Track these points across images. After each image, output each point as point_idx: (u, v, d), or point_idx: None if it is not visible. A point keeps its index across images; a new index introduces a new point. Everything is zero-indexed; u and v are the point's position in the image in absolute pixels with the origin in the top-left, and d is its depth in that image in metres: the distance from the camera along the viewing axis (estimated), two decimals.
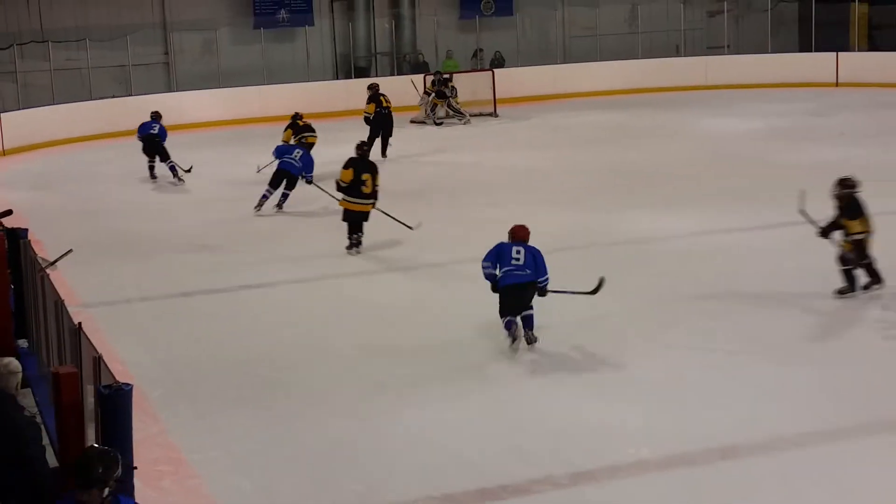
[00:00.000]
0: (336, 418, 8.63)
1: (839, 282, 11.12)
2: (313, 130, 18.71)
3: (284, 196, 16.34)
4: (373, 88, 21.30)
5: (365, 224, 13.73)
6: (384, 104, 21.04)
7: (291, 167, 16.29)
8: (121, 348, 10.29)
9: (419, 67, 29.28)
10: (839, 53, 28.80)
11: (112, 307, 11.99)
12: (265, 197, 16.30)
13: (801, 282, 11.56)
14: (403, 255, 13.62)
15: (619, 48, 30.60)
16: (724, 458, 7.63)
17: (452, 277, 12.60)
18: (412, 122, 25.44)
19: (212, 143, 23.82)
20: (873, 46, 29.88)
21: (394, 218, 14.03)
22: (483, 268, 10.04)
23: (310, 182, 16.37)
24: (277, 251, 14.09)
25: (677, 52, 31.31)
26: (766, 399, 8.57)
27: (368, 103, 21.07)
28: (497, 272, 9.97)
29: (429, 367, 9.72)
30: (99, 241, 14.94)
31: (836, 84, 28.16)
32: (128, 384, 5.77)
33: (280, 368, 9.79)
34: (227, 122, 26.22)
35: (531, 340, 9.80)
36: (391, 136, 20.97)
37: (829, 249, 11.02)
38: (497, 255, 9.97)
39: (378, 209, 13.81)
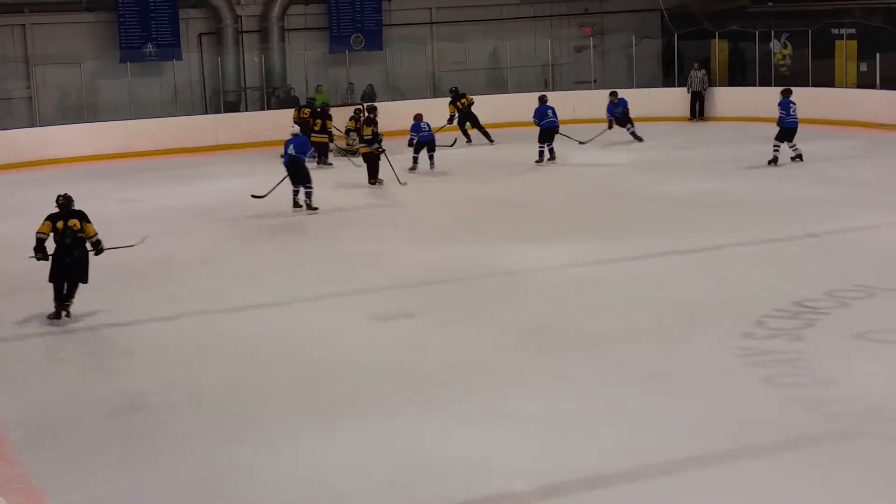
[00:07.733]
0: (206, 457, 8.45)
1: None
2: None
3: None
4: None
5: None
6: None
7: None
8: None
9: (289, 102, 29.14)
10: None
11: None
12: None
13: (670, 312, 11.74)
14: (275, 290, 13.45)
15: (489, 82, 30.89)
16: (594, 487, 7.68)
17: (326, 312, 12.51)
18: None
19: (76, 178, 23.21)
20: (733, 82, 30.81)
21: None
22: None
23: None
24: (145, 288, 13.77)
25: (546, 87, 31.76)
26: (634, 428, 8.65)
27: None
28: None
29: (300, 401, 9.60)
30: None
31: (701, 118, 28.90)
32: None
33: (148, 407, 9.55)
34: (92, 157, 25.63)
35: None
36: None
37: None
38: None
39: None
